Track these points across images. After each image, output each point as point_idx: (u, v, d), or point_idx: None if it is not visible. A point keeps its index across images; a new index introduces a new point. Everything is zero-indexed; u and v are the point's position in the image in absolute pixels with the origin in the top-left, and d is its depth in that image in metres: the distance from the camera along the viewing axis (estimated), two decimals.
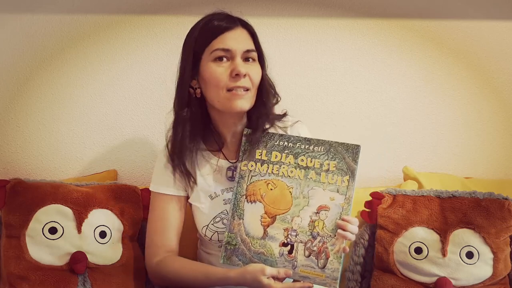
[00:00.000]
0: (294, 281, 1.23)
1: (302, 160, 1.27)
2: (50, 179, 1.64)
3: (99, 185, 1.56)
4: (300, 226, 1.24)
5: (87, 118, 1.75)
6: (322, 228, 1.23)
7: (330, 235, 1.22)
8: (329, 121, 1.79)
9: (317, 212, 1.24)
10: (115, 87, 1.75)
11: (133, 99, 1.75)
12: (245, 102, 1.27)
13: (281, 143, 1.29)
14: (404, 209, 1.52)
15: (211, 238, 1.34)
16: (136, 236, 1.55)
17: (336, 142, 1.27)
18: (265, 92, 1.33)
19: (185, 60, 1.28)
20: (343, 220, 1.21)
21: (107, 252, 1.47)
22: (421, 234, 1.48)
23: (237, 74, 1.24)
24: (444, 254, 1.47)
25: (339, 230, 1.21)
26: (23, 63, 1.72)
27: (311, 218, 1.24)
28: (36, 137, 1.75)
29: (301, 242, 1.23)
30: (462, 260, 1.47)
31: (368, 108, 1.79)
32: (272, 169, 1.28)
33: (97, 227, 1.47)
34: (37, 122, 1.74)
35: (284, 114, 1.41)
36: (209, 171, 1.36)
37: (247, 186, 1.27)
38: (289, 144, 1.29)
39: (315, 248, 1.23)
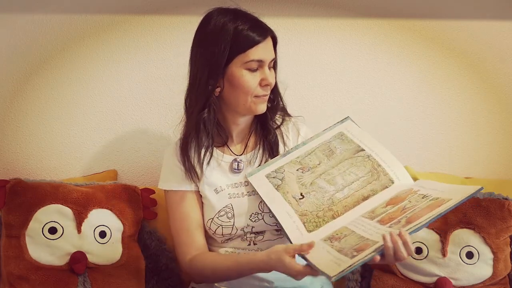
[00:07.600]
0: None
1: None
2: (50, 179, 1.64)
3: (99, 185, 1.56)
4: None
5: (87, 118, 1.75)
6: None
7: None
8: (329, 121, 1.78)
9: None
10: (115, 87, 1.75)
11: (133, 99, 1.75)
12: (265, 104, 1.36)
13: None
14: None
15: (215, 232, 1.36)
16: (136, 236, 1.55)
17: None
18: (277, 92, 1.42)
19: (215, 60, 1.29)
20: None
21: (107, 252, 1.47)
22: (421, 234, 1.48)
23: (266, 84, 1.32)
24: (444, 254, 1.47)
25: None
26: (23, 63, 1.71)
27: None
28: (36, 137, 1.75)
29: None
30: (462, 260, 1.47)
31: (368, 108, 1.79)
32: None
33: (97, 227, 1.47)
34: (37, 122, 1.74)
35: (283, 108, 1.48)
36: (214, 165, 1.39)
37: None
38: None
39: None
